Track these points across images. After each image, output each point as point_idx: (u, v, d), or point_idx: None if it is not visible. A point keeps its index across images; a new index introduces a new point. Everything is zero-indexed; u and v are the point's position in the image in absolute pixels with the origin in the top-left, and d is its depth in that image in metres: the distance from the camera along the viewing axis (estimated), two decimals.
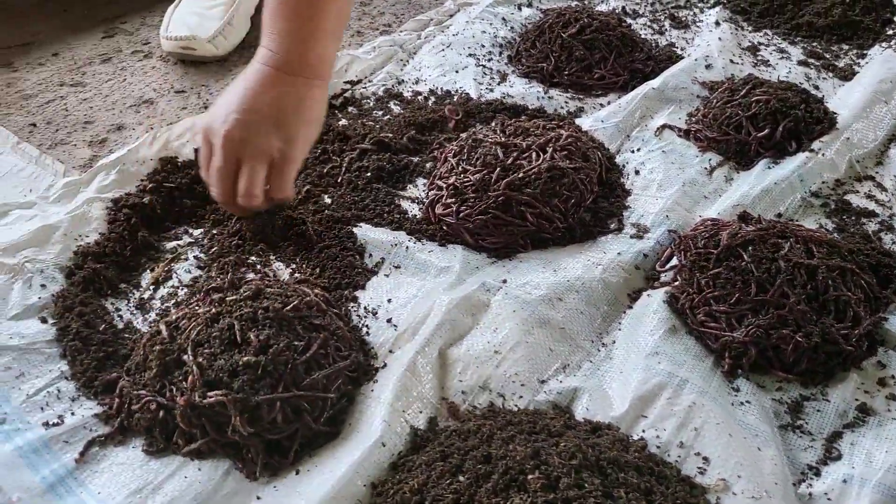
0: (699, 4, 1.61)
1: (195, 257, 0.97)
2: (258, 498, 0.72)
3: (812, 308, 0.86)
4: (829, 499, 0.73)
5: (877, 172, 1.15)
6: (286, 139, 0.90)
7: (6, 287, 0.88)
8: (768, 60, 1.41)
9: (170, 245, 1.00)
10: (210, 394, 0.74)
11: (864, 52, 1.44)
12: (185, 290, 0.93)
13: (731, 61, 1.38)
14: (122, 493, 0.71)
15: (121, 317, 0.90)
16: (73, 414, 0.78)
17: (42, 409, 0.77)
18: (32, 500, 0.69)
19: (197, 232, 1.02)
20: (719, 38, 1.44)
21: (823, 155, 1.13)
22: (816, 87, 1.33)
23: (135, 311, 0.90)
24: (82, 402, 0.79)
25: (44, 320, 0.86)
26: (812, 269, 0.88)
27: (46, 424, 0.76)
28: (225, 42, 1.39)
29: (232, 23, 1.40)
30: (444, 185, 1.04)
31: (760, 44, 1.46)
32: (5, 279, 0.89)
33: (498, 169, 1.01)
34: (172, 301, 0.91)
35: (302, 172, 1.11)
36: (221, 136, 0.88)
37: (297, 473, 0.74)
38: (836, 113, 1.20)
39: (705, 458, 0.74)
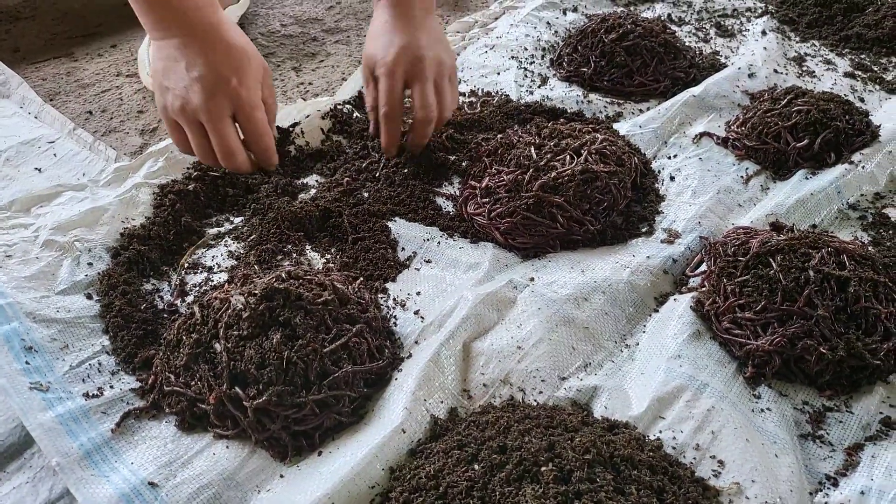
0: (746, 13, 1.60)
1: (232, 241, 1.01)
2: (281, 476, 0.75)
3: (840, 320, 0.85)
4: None
5: None
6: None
7: (56, 263, 0.93)
8: (814, 71, 1.40)
9: (212, 231, 1.03)
10: (241, 395, 0.77)
11: None
12: (224, 275, 0.96)
13: (776, 71, 1.37)
14: (154, 465, 0.75)
15: (161, 298, 0.94)
16: (111, 387, 0.81)
17: (83, 380, 0.81)
18: (70, 465, 0.73)
19: (238, 219, 1.06)
20: (764, 48, 1.43)
21: (863, 167, 1.12)
22: (861, 100, 1.31)
23: (173, 292, 0.94)
24: (121, 377, 0.83)
25: (89, 297, 0.91)
26: (843, 281, 0.87)
27: (87, 395, 0.80)
28: None
29: None
30: (478, 185, 1.05)
31: (807, 54, 1.45)
32: (56, 256, 0.93)
33: (531, 170, 1.02)
34: (210, 285, 0.94)
35: (342, 166, 1.14)
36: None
37: (320, 454, 0.77)
38: (879, 125, 1.19)
39: (720, 462, 0.74)
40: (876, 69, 1.40)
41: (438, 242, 1.01)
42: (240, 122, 0.94)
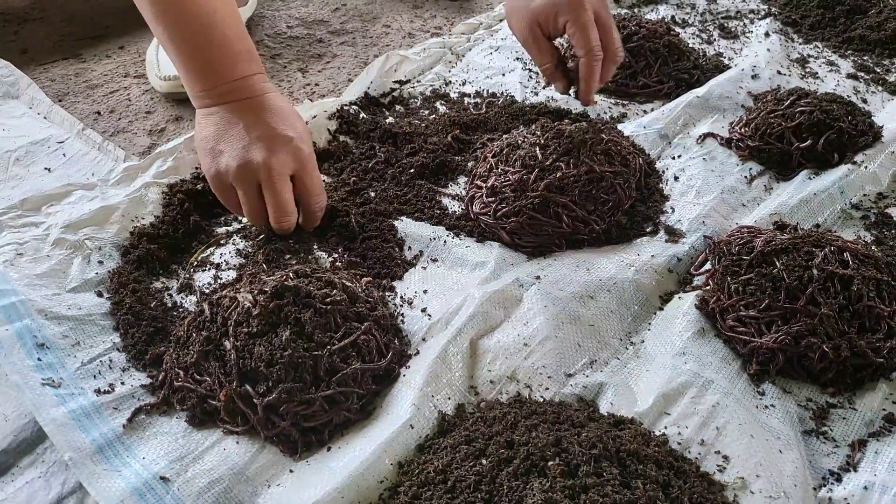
0: (750, 15, 1.61)
1: (241, 240, 1.02)
2: (291, 471, 0.76)
3: (844, 318, 0.86)
4: None
5: None
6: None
7: (67, 261, 0.94)
8: (817, 73, 1.41)
9: (220, 230, 1.04)
10: (251, 393, 0.77)
11: None
12: (232, 273, 0.97)
13: (779, 72, 1.38)
14: (165, 459, 0.76)
15: (170, 295, 0.95)
16: (122, 383, 0.82)
17: (94, 376, 0.82)
18: (82, 460, 0.74)
19: (245, 219, 1.07)
20: (768, 50, 1.44)
21: (866, 167, 1.13)
22: (864, 101, 1.32)
23: (183, 291, 0.95)
24: (132, 373, 0.84)
25: (100, 294, 0.92)
26: (847, 280, 0.88)
27: (98, 391, 0.81)
28: None
29: None
30: (483, 184, 1.06)
31: (810, 56, 1.46)
32: (67, 254, 0.94)
33: (536, 170, 1.03)
34: (219, 283, 0.95)
35: (348, 167, 1.15)
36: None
37: (329, 450, 0.78)
38: (882, 126, 1.20)
39: (725, 457, 0.75)
40: (879, 71, 1.41)
41: (445, 241, 1.02)
42: (300, 179, 0.95)
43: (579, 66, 1.05)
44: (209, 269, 0.98)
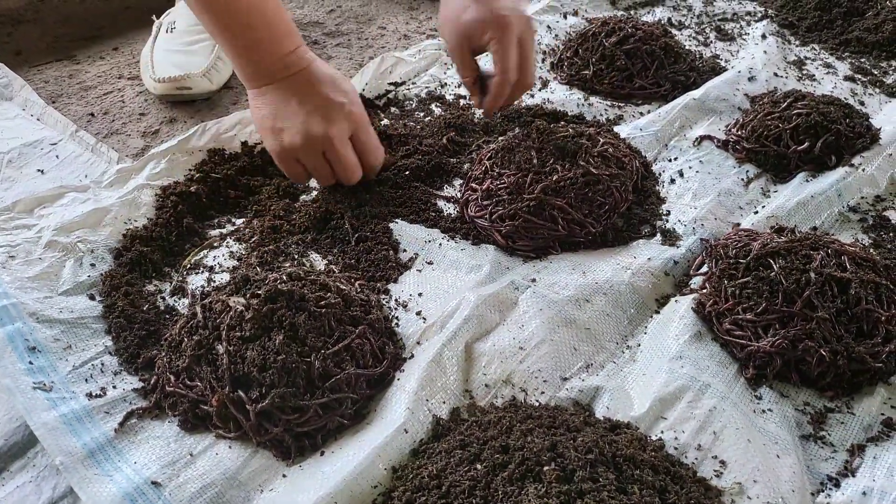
0: (746, 17, 1.61)
1: (234, 242, 1.01)
2: (284, 476, 0.75)
3: (842, 322, 0.85)
4: None
5: None
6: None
7: (59, 264, 0.93)
8: (814, 75, 1.40)
9: (214, 232, 1.04)
10: (244, 398, 0.77)
11: None
12: (225, 276, 0.96)
13: (776, 74, 1.38)
14: (157, 464, 0.75)
15: (163, 298, 0.94)
16: (114, 387, 0.82)
17: (86, 380, 0.82)
18: (73, 464, 0.73)
19: (240, 221, 1.06)
20: (765, 52, 1.43)
21: (864, 170, 1.12)
22: (862, 103, 1.32)
23: (176, 294, 0.94)
24: (124, 377, 0.83)
25: (92, 297, 0.91)
26: (844, 283, 0.88)
27: (90, 395, 0.80)
28: (218, 76, 1.34)
29: (221, 56, 1.35)
30: (479, 187, 1.06)
31: (807, 58, 1.46)
32: (59, 257, 0.94)
33: (532, 173, 1.03)
34: (212, 286, 0.95)
35: None
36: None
37: (322, 454, 0.77)
38: (879, 128, 1.19)
39: (722, 462, 0.74)
40: (876, 73, 1.41)
41: (440, 244, 1.01)
42: (358, 138, 1.02)
43: (492, 83, 1.08)
44: (202, 271, 0.97)
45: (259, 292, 0.83)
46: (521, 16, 1.05)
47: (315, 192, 1.10)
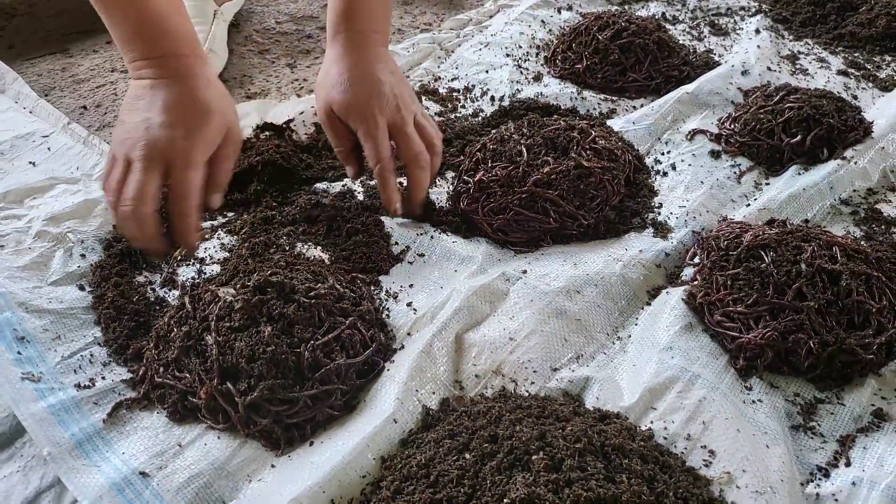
0: (740, 12, 1.61)
1: (225, 234, 1.01)
2: (272, 466, 0.75)
3: (832, 314, 0.85)
4: (836, 500, 0.73)
5: None
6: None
7: (49, 254, 0.93)
8: (807, 69, 1.40)
9: (205, 224, 1.03)
10: (233, 391, 0.76)
11: None
12: (216, 267, 0.96)
13: (769, 69, 1.38)
14: (145, 454, 0.75)
15: (153, 290, 0.93)
16: (103, 378, 0.81)
17: (75, 371, 0.81)
18: (61, 455, 0.73)
19: (231, 214, 1.06)
20: (758, 46, 1.43)
21: (856, 163, 1.12)
22: (855, 97, 1.32)
23: (166, 285, 0.94)
24: (112, 368, 0.83)
25: (81, 288, 0.91)
26: (835, 275, 0.87)
27: (78, 386, 0.80)
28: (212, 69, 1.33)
29: (214, 49, 1.35)
30: (471, 180, 1.06)
31: (800, 53, 1.46)
32: (48, 247, 0.93)
33: (524, 166, 1.02)
34: (202, 277, 0.94)
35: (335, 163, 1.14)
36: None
37: (311, 445, 0.77)
38: (871, 122, 1.19)
39: (711, 452, 0.74)
40: (869, 67, 1.41)
41: (431, 236, 1.01)
42: (171, 179, 0.85)
43: (408, 175, 0.99)
44: (193, 263, 0.97)
45: (248, 283, 0.83)
46: (406, 95, 0.96)
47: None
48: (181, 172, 0.85)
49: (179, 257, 0.98)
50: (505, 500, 0.64)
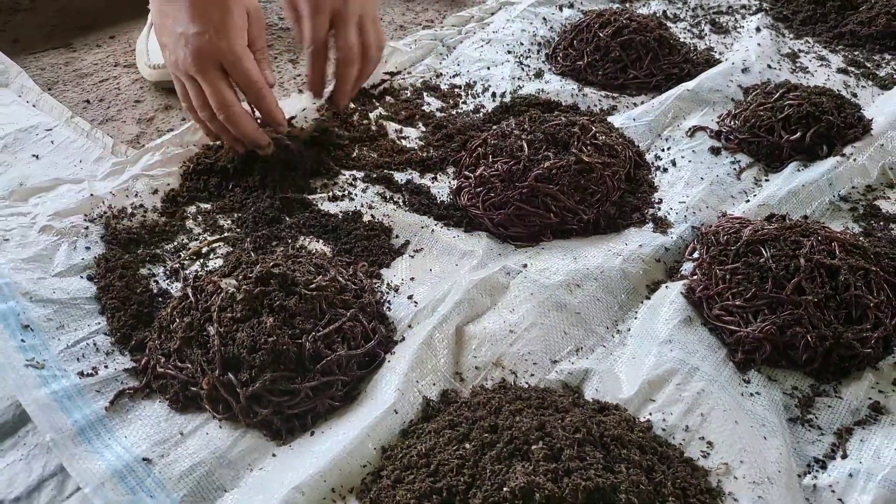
0: (741, 10, 1.61)
1: (236, 228, 1.01)
2: (273, 455, 0.76)
3: (831, 308, 0.86)
4: (833, 491, 0.73)
5: None
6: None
7: (53, 248, 0.93)
8: (807, 67, 1.41)
9: (225, 223, 1.03)
10: (234, 382, 0.77)
11: None
12: (219, 262, 0.97)
13: (769, 66, 1.38)
14: (147, 442, 0.75)
15: (157, 282, 0.94)
16: (106, 367, 0.82)
17: (78, 359, 0.82)
18: (63, 441, 0.73)
19: (237, 215, 1.06)
20: (759, 44, 1.44)
21: (855, 160, 1.13)
22: (854, 95, 1.32)
23: (170, 278, 0.94)
24: (115, 357, 0.84)
25: (90, 278, 0.91)
26: (834, 270, 0.88)
27: (81, 374, 0.80)
28: None
29: None
30: (472, 175, 1.06)
31: (800, 51, 1.46)
32: (53, 240, 0.94)
33: (524, 161, 1.03)
34: (205, 270, 0.95)
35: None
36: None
37: (312, 435, 0.77)
38: (871, 119, 1.20)
39: (709, 443, 0.75)
40: (869, 66, 1.41)
41: (433, 230, 1.01)
42: (232, 77, 0.95)
43: (336, 68, 1.06)
44: (198, 259, 0.98)
45: (250, 274, 0.84)
46: None
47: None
48: (235, 67, 0.94)
49: (200, 252, 0.98)
50: (504, 489, 0.65)
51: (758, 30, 1.50)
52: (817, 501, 0.72)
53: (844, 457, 0.76)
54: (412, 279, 0.94)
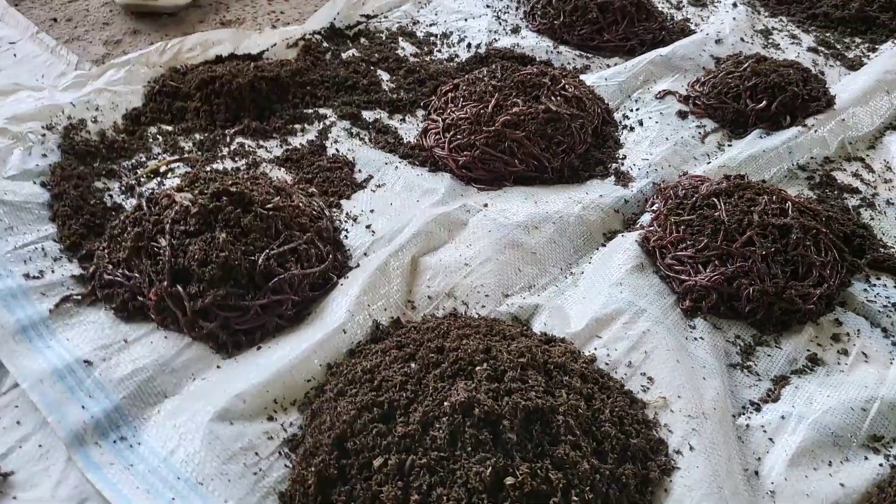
0: None
1: (188, 150, 1.00)
2: (218, 367, 0.75)
3: (778, 263, 0.87)
4: (764, 431, 0.75)
5: (867, 155, 1.17)
6: None
7: (7, 150, 0.91)
8: (779, 44, 1.42)
9: (186, 145, 1.02)
10: (182, 294, 0.76)
11: (876, 46, 1.46)
12: (177, 181, 0.95)
13: (742, 40, 1.39)
14: (90, 346, 0.74)
15: (111, 196, 0.93)
16: (53, 272, 0.81)
17: (25, 261, 0.81)
18: (4, 338, 0.72)
19: (198, 137, 1.05)
20: (734, 19, 1.45)
21: (816, 132, 1.15)
22: (822, 73, 1.34)
23: (125, 193, 0.93)
24: (63, 263, 0.82)
25: (44, 185, 0.90)
26: (786, 228, 0.90)
27: (27, 276, 0.79)
28: None
29: None
30: (439, 118, 1.06)
31: (774, 28, 1.48)
32: (7, 143, 0.92)
33: (493, 106, 1.03)
34: (162, 186, 0.94)
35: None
36: None
37: (259, 349, 0.77)
38: (835, 95, 1.22)
39: (650, 378, 0.76)
40: (839, 47, 1.43)
41: (396, 167, 1.01)
42: None
43: None
44: (153, 176, 0.96)
45: (206, 190, 0.83)
46: None
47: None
48: None
49: (152, 173, 0.97)
50: (445, 404, 0.65)
51: (734, 5, 1.51)
52: (749, 439, 0.74)
53: (776, 400, 0.78)
54: (372, 211, 0.94)
